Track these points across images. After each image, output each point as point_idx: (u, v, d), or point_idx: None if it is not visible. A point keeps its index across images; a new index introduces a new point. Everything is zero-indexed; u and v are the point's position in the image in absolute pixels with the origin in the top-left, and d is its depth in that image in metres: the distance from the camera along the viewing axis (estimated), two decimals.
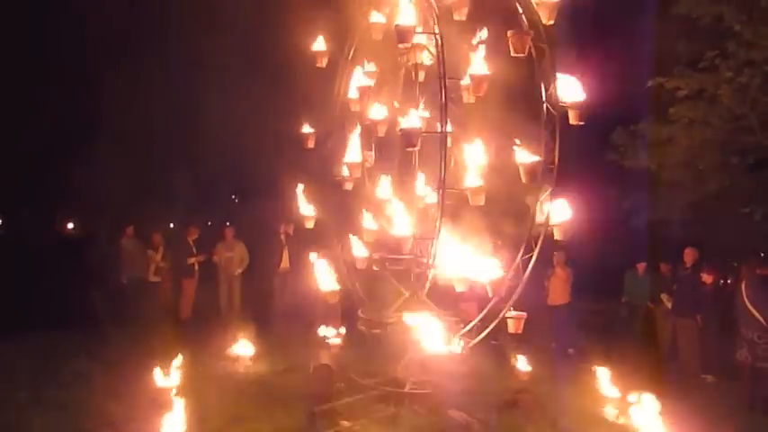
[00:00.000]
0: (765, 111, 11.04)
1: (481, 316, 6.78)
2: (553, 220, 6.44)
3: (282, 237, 11.99)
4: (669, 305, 10.27)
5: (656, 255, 11.58)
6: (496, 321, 6.67)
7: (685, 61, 11.62)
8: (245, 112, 15.75)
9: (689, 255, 9.95)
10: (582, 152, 13.90)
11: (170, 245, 12.24)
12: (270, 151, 14.64)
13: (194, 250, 11.94)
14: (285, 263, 11.90)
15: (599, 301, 12.68)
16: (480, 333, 6.76)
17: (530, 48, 6.22)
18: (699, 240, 10.81)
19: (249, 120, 15.64)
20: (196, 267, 11.95)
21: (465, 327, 6.78)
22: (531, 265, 6.57)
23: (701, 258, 9.93)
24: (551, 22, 6.33)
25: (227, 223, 13.62)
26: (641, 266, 11.25)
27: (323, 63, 7.21)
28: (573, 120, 6.33)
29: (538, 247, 6.48)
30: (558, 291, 10.99)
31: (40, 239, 12.65)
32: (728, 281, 10.19)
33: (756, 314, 7.78)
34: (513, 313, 6.76)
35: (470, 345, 6.76)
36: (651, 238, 13.79)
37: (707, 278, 9.39)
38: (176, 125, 16.82)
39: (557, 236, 6.40)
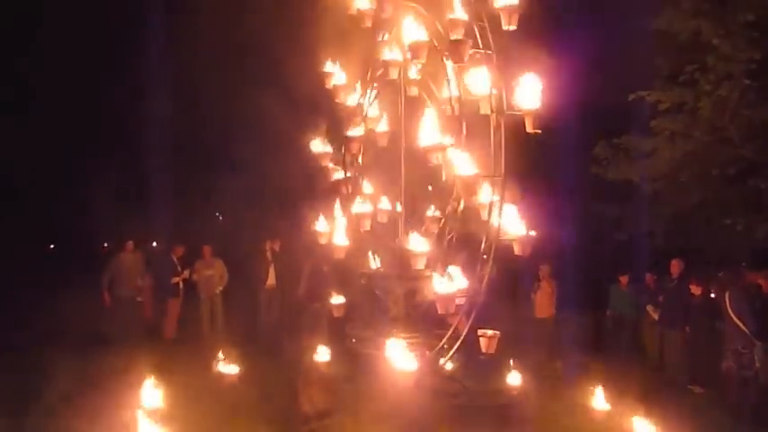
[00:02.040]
0: (745, 123, 11.20)
1: (449, 334, 6.69)
2: (511, 235, 6.34)
3: (269, 253, 11.94)
4: (655, 316, 10.32)
5: (641, 267, 11.65)
6: (461, 339, 6.55)
7: (665, 75, 11.78)
8: (234, 125, 15.74)
9: (675, 266, 10.03)
10: (565, 166, 14.07)
11: (154, 264, 12.12)
12: (260, 166, 14.59)
13: (179, 269, 11.81)
14: (272, 279, 11.84)
15: (585, 314, 12.72)
16: (468, 349, 6.71)
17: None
18: (682, 252, 10.90)
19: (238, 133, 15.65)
20: (181, 286, 11.82)
21: (451, 343, 6.71)
22: (485, 280, 6.47)
23: (686, 270, 10.00)
24: (513, 27, 6.32)
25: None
26: (623, 279, 11.32)
27: (331, 85, 7.17)
28: (529, 128, 6.30)
29: (490, 260, 6.39)
30: (545, 304, 11.02)
31: (23, 257, 12.48)
32: (712, 292, 10.26)
33: (740, 324, 7.84)
34: (488, 332, 6.67)
35: (443, 362, 6.69)
36: (635, 251, 13.90)
37: (695, 290, 9.45)
38: (162, 140, 16.73)
39: (516, 251, 6.34)
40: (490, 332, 6.69)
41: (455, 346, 6.57)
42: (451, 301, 6.27)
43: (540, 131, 6.26)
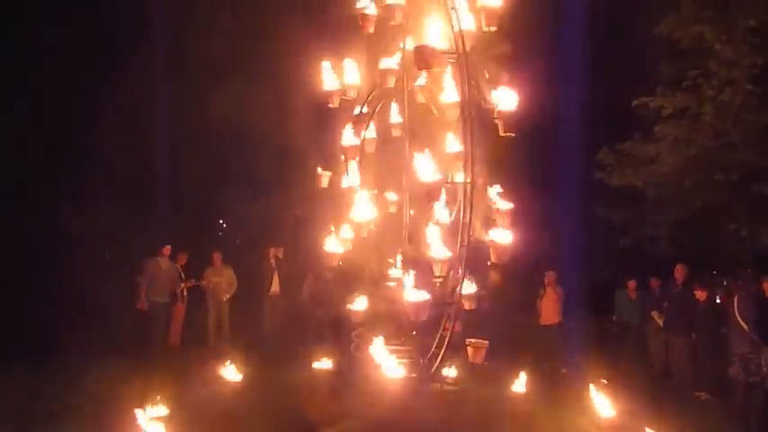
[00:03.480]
0: (748, 128, 11.21)
1: (437, 341, 6.61)
2: (488, 242, 6.27)
3: (272, 261, 11.94)
4: (660, 322, 10.28)
5: (645, 272, 11.63)
6: (445, 345, 6.49)
7: (668, 80, 11.80)
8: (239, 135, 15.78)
9: (679, 271, 10.00)
10: (569, 171, 14.09)
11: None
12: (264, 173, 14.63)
13: (183, 276, 11.80)
14: (275, 286, 11.84)
15: (590, 320, 12.69)
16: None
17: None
18: (687, 257, 10.87)
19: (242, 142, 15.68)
20: (185, 293, 11.80)
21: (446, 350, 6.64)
22: (459, 289, 6.40)
23: (691, 275, 9.98)
24: (493, 29, 6.30)
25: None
26: (631, 284, 11.28)
27: (335, 103, 7.13)
28: (502, 131, 6.23)
29: (462, 268, 6.34)
30: (550, 310, 10.99)
31: (27, 266, 12.46)
32: (717, 297, 10.23)
33: (747, 329, 7.82)
34: (474, 341, 6.58)
35: (444, 369, 6.64)
36: (640, 256, 13.88)
37: (700, 295, 9.42)
38: (168, 146, 16.75)
39: (492, 258, 6.28)
40: (476, 341, 6.57)
41: (441, 353, 6.53)
42: (423, 309, 6.22)
43: (513, 134, 6.21)
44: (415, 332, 6.63)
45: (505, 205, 6.33)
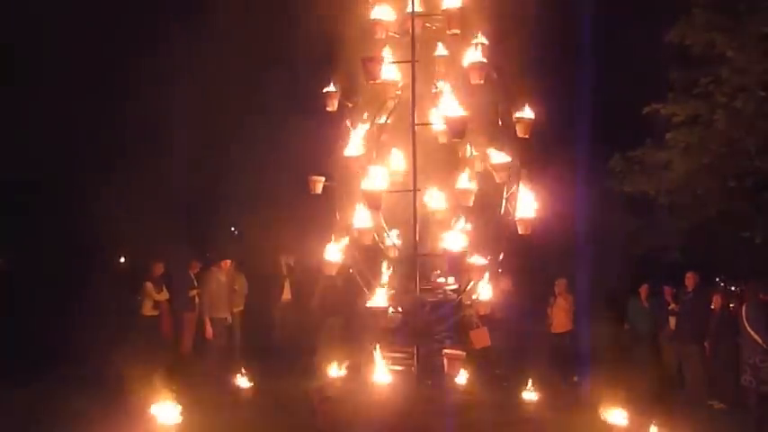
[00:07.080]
0: (761, 135, 11.14)
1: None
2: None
3: (284, 268, 11.98)
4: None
5: (658, 280, 11.56)
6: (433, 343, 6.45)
7: (680, 87, 11.76)
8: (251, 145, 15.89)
9: (690, 279, 9.95)
10: (580, 178, 14.04)
11: (171, 278, 12.16)
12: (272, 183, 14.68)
13: (195, 283, 11.85)
14: (287, 294, 11.87)
15: (602, 328, 12.61)
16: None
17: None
18: (700, 265, 10.80)
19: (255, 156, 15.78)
20: (197, 301, 11.85)
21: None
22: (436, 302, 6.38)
23: (702, 283, 9.92)
24: (457, 32, 6.26)
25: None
26: (643, 290, 11.22)
27: (334, 106, 7.09)
28: (449, 137, 6.15)
29: (437, 275, 6.33)
30: (561, 318, 10.97)
31: (51, 276, 12.58)
32: (731, 305, 10.15)
33: (757, 338, 7.76)
34: (450, 352, 6.49)
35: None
36: (653, 264, 13.79)
37: (716, 302, 9.37)
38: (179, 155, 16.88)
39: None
40: (452, 352, 6.47)
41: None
42: (381, 316, 6.21)
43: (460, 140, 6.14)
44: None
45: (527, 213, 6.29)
